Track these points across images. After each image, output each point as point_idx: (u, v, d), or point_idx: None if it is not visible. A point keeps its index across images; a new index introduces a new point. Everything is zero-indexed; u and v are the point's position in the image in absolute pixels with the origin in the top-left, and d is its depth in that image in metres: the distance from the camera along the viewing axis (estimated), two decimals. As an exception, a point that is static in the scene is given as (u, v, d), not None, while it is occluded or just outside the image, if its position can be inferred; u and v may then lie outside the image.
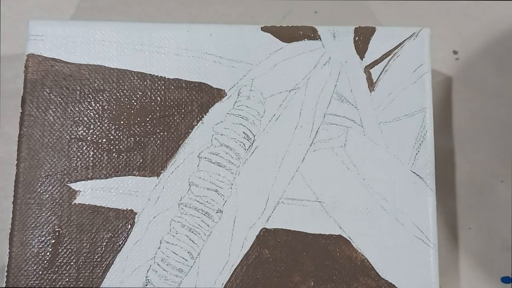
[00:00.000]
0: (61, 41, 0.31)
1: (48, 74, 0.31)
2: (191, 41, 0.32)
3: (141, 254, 0.30)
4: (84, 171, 0.30)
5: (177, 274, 0.29)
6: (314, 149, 0.31)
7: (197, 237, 0.30)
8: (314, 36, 0.32)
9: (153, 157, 0.31)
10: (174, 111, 0.31)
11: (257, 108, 0.31)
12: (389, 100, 0.32)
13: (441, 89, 0.36)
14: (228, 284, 0.30)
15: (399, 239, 0.30)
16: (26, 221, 0.29)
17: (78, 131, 0.30)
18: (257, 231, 0.30)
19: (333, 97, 0.32)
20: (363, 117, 0.32)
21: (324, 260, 0.30)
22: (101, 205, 0.30)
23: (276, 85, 0.32)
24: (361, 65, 0.32)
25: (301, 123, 0.31)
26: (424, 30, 0.33)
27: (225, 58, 0.32)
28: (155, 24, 0.32)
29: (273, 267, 0.30)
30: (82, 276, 0.29)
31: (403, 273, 0.30)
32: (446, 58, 0.37)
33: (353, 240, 0.30)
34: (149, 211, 0.30)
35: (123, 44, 0.31)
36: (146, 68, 0.31)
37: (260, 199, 0.30)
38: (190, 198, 0.30)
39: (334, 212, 0.31)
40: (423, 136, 0.31)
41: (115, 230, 0.30)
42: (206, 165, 0.31)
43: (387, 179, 0.31)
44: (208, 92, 0.31)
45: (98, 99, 0.31)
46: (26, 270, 0.29)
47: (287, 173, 0.31)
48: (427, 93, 0.32)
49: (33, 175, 0.30)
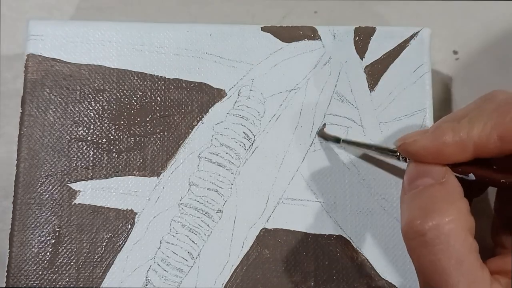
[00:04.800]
0: (61, 41, 0.31)
1: (48, 74, 0.31)
2: (191, 41, 0.32)
3: (141, 254, 0.30)
4: (84, 171, 0.30)
5: (177, 274, 0.29)
6: (314, 149, 0.31)
7: (197, 237, 0.30)
8: (314, 36, 0.32)
9: (153, 157, 0.31)
10: (174, 111, 0.31)
11: (257, 108, 0.31)
12: (389, 100, 0.32)
13: (441, 89, 0.36)
14: (228, 284, 0.30)
15: (399, 239, 0.30)
16: (26, 221, 0.29)
17: (78, 131, 0.30)
18: (257, 231, 0.30)
19: (333, 97, 0.32)
20: (363, 117, 0.32)
21: (324, 260, 0.30)
22: (101, 205, 0.30)
23: (276, 85, 0.32)
24: (361, 65, 0.32)
25: (301, 123, 0.31)
26: (424, 30, 0.33)
27: (225, 58, 0.32)
28: (155, 24, 0.32)
29: (273, 267, 0.30)
30: (82, 276, 0.29)
31: (403, 273, 0.30)
32: (446, 58, 0.37)
33: (353, 240, 0.30)
34: (149, 211, 0.30)
35: (123, 44, 0.31)
36: (146, 68, 0.31)
37: (260, 199, 0.30)
38: (190, 198, 0.30)
39: (334, 212, 0.31)
40: (423, 136, 0.31)
41: (115, 230, 0.30)
42: (206, 165, 0.31)
43: (387, 179, 0.31)
44: (208, 92, 0.31)
45: (98, 99, 0.31)
46: (26, 270, 0.29)
47: (287, 173, 0.31)
48: (427, 93, 0.32)
49: (33, 175, 0.30)
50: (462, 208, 0.23)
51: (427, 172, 0.25)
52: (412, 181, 0.25)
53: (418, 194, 0.24)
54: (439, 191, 0.24)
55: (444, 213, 0.23)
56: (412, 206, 0.24)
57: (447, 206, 0.23)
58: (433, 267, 0.22)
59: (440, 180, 0.24)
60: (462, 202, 0.24)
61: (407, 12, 0.37)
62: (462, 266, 0.22)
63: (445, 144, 0.24)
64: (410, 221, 0.23)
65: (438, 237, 0.22)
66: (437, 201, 0.23)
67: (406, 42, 0.33)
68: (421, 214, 0.23)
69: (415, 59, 0.32)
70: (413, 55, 0.32)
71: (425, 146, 0.24)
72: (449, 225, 0.22)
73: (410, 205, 0.24)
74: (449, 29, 0.37)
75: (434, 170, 0.24)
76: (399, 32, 0.33)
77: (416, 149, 0.25)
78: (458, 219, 0.23)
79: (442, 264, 0.22)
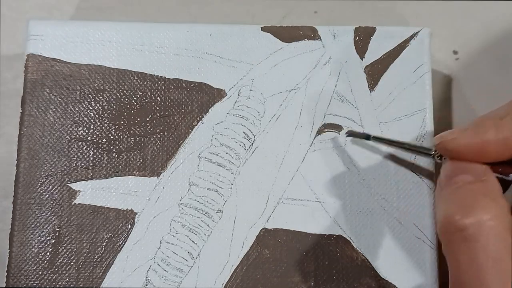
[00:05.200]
0: (61, 41, 0.31)
1: (48, 74, 0.31)
2: (191, 41, 0.32)
3: (141, 254, 0.30)
4: (84, 171, 0.30)
5: (177, 274, 0.29)
6: (314, 149, 0.31)
7: (197, 237, 0.30)
8: (314, 36, 0.32)
9: (153, 157, 0.31)
10: (174, 111, 0.31)
11: (257, 108, 0.31)
12: (389, 100, 0.32)
13: (441, 89, 0.36)
14: (228, 284, 0.30)
15: (399, 239, 0.30)
16: (26, 221, 0.29)
17: (78, 131, 0.30)
18: (257, 231, 0.30)
19: (333, 97, 0.32)
20: (363, 117, 0.32)
21: (324, 260, 0.30)
22: (101, 205, 0.30)
23: (276, 85, 0.32)
24: (361, 65, 0.32)
25: (301, 123, 0.31)
26: (424, 30, 0.33)
27: (225, 58, 0.32)
28: (155, 24, 0.32)
29: (273, 267, 0.30)
30: (82, 276, 0.29)
31: (403, 273, 0.30)
32: (446, 58, 0.37)
33: (353, 240, 0.30)
34: (149, 211, 0.30)
35: (123, 44, 0.31)
36: (146, 68, 0.31)
37: (260, 199, 0.30)
38: (190, 198, 0.30)
39: (334, 212, 0.31)
40: (423, 136, 0.31)
41: (115, 230, 0.30)
42: (206, 165, 0.31)
43: (387, 179, 0.31)
44: (208, 92, 0.31)
45: (98, 99, 0.31)
46: (26, 270, 0.29)
47: (287, 173, 0.31)
48: (427, 93, 0.32)
49: (33, 175, 0.30)
50: (503, 206, 0.23)
51: (467, 169, 0.24)
52: (450, 178, 0.25)
53: (458, 190, 0.24)
54: (480, 188, 0.23)
55: (485, 210, 0.22)
56: (451, 201, 0.24)
57: (489, 203, 0.23)
58: (470, 263, 0.22)
59: (481, 178, 0.24)
60: (503, 200, 0.23)
61: (407, 12, 0.37)
62: (499, 265, 0.22)
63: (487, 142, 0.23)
64: (449, 216, 0.23)
65: (479, 234, 0.22)
66: (479, 198, 0.23)
67: (406, 42, 0.33)
68: (461, 209, 0.23)
69: (415, 59, 0.32)
70: (413, 55, 0.32)
71: (466, 143, 0.24)
72: (490, 222, 0.22)
73: (449, 200, 0.24)
74: (449, 29, 0.37)
75: (474, 168, 0.24)
76: (399, 32, 0.33)
77: (457, 147, 0.24)
78: (499, 217, 0.22)
79: (480, 261, 0.22)
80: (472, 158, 0.24)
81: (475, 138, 0.24)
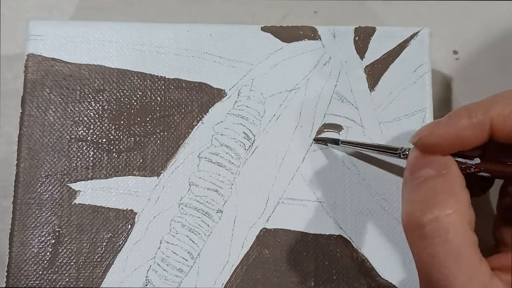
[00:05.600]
0: (61, 41, 0.31)
1: (48, 74, 0.31)
2: (191, 41, 0.32)
3: (141, 254, 0.30)
4: (84, 171, 0.30)
5: (177, 274, 0.29)
6: (314, 149, 0.31)
7: (197, 237, 0.30)
8: (314, 36, 0.32)
9: (153, 157, 0.31)
10: (174, 111, 0.31)
11: (257, 108, 0.31)
12: (389, 100, 0.32)
13: (441, 89, 0.36)
14: (228, 284, 0.30)
15: (399, 239, 0.30)
16: (26, 221, 0.29)
17: (78, 131, 0.30)
18: (257, 231, 0.30)
19: (333, 97, 0.32)
20: (363, 117, 0.32)
21: (324, 260, 0.30)
22: (101, 205, 0.30)
23: (276, 85, 0.32)
24: (361, 65, 0.32)
25: (301, 123, 0.31)
26: (424, 30, 0.33)
27: (225, 58, 0.32)
28: (155, 24, 0.32)
29: (273, 267, 0.30)
30: (82, 276, 0.29)
31: (403, 273, 0.30)
32: (446, 58, 0.37)
33: (353, 240, 0.30)
34: (149, 211, 0.30)
35: (123, 44, 0.31)
36: (146, 68, 0.31)
37: (260, 199, 0.30)
38: (190, 198, 0.30)
39: (334, 212, 0.31)
40: (423, 136, 0.31)
41: (115, 230, 0.30)
42: (206, 165, 0.31)
43: (387, 179, 0.31)
44: (208, 92, 0.31)
45: (98, 99, 0.31)
46: (26, 270, 0.29)
47: (287, 173, 0.31)
48: (427, 93, 0.32)
49: (33, 175, 0.30)
50: (462, 200, 0.23)
51: (429, 163, 0.24)
52: (413, 172, 0.25)
53: (419, 186, 0.24)
54: (440, 183, 0.24)
55: (444, 206, 0.23)
56: (412, 198, 0.24)
57: (447, 199, 0.23)
58: (431, 260, 0.22)
59: (442, 171, 0.24)
60: (462, 194, 0.23)
61: (407, 12, 0.37)
62: (460, 259, 0.22)
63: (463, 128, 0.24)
64: (409, 213, 0.23)
65: (437, 230, 0.22)
66: (438, 194, 0.23)
67: (406, 42, 0.33)
68: (421, 206, 0.23)
69: (415, 59, 0.32)
70: (413, 55, 0.32)
71: (443, 135, 0.24)
72: (448, 218, 0.22)
73: (410, 197, 0.24)
74: (449, 29, 0.37)
75: (436, 161, 0.24)
76: (399, 32, 0.33)
77: (435, 141, 0.24)
78: (457, 212, 0.23)
79: (441, 257, 0.22)
80: (452, 148, 0.24)
81: (450, 127, 0.24)
